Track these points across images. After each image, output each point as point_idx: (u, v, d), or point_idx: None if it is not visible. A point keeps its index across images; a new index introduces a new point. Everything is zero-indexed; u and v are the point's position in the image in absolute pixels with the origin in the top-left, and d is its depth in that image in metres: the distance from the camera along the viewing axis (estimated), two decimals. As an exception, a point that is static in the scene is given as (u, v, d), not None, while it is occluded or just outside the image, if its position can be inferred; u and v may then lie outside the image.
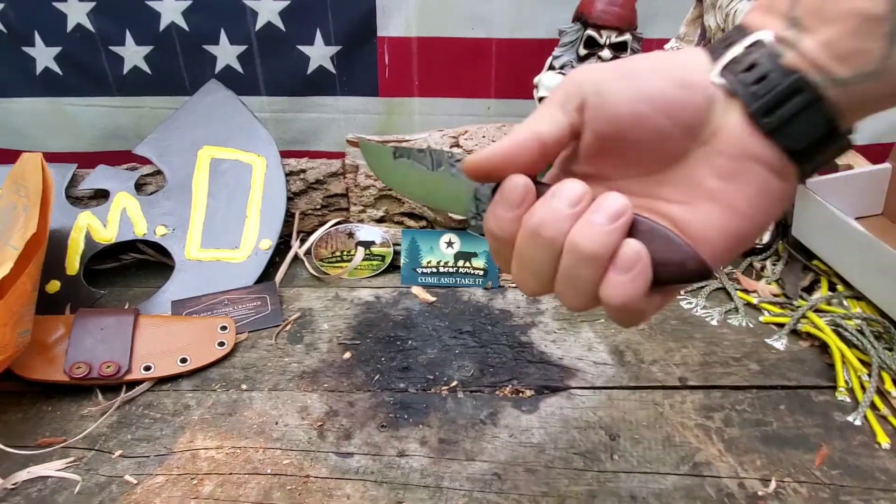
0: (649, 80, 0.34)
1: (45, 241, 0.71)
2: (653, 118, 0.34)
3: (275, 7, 0.93)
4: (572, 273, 0.35)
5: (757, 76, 0.32)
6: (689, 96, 0.34)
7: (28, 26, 0.94)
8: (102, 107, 1.01)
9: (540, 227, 0.35)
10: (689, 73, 0.34)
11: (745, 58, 0.33)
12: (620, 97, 0.34)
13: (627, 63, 0.36)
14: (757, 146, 0.33)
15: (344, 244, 0.88)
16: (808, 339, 0.75)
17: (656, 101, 0.34)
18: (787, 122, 0.32)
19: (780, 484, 0.59)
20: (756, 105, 0.32)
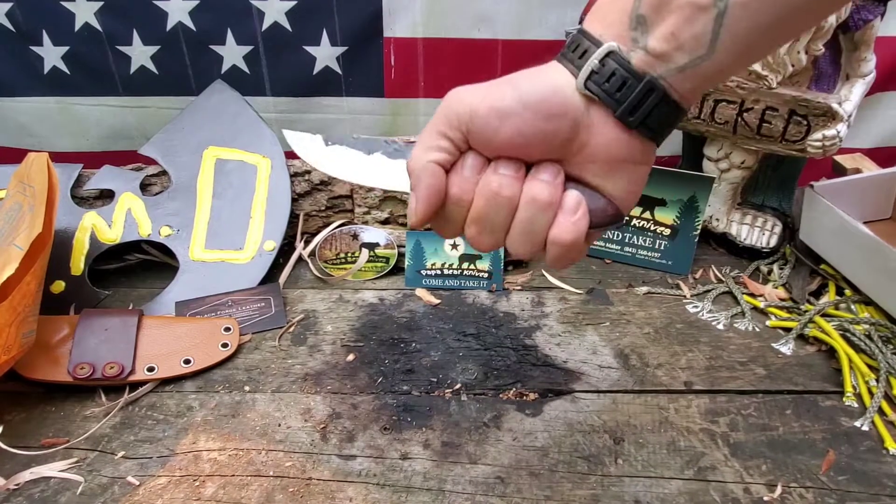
0: (521, 118, 0.39)
1: (50, 241, 0.71)
2: (531, 147, 0.40)
3: (281, 7, 0.93)
4: (531, 221, 0.41)
5: (618, 85, 0.38)
6: (556, 126, 0.39)
7: (36, 25, 0.94)
8: (109, 106, 1.01)
9: (500, 189, 0.41)
10: (552, 103, 0.39)
11: (602, 69, 0.38)
12: (498, 137, 0.40)
13: (495, 95, 0.40)
14: (623, 145, 0.40)
15: (348, 246, 0.88)
16: (815, 343, 0.75)
17: (529, 135, 0.39)
18: (647, 116, 0.39)
19: (786, 489, 0.59)
20: (621, 109, 0.39)
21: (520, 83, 0.40)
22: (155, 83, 0.99)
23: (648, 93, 0.38)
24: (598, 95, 0.39)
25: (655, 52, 0.37)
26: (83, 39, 0.95)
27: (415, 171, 0.42)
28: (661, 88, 0.38)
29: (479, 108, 0.40)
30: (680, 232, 0.85)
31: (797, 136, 0.78)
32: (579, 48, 0.40)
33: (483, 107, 0.39)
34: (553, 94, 0.39)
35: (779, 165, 0.88)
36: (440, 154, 0.41)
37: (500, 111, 0.39)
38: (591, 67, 0.39)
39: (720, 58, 0.37)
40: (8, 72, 0.98)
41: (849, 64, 0.78)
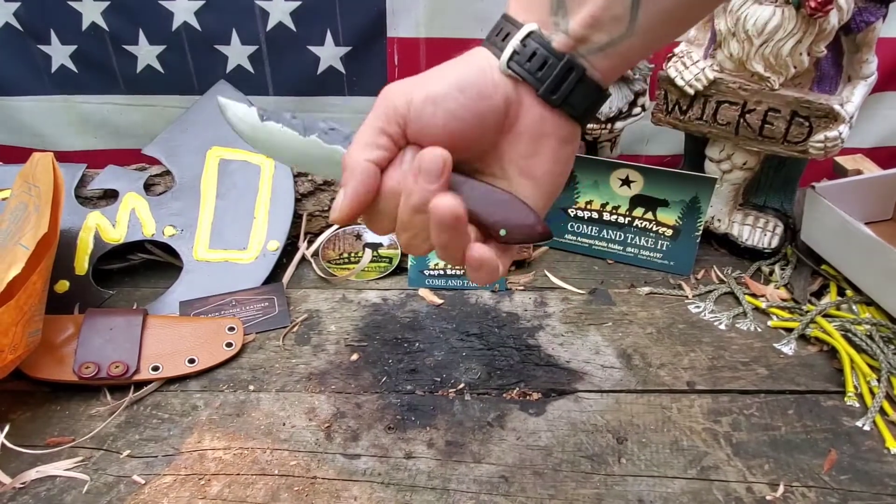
0: (456, 101, 0.40)
1: (55, 240, 0.71)
2: (466, 130, 0.41)
3: (286, 7, 0.93)
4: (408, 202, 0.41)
5: (539, 64, 0.40)
6: (489, 104, 0.41)
7: (44, 24, 0.95)
8: (116, 104, 1.02)
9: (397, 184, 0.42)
10: (482, 83, 0.41)
11: (524, 49, 0.40)
12: (435, 122, 0.41)
13: (429, 84, 0.41)
14: (549, 123, 0.42)
15: (351, 246, 0.88)
16: (816, 343, 0.75)
17: (465, 118, 0.41)
18: (569, 95, 0.41)
19: (788, 489, 0.59)
20: (543, 87, 0.40)
21: (450, 70, 0.42)
22: (161, 82, 1.00)
23: (569, 71, 0.40)
24: (520, 75, 0.41)
25: (576, 34, 0.39)
26: (90, 39, 0.96)
27: (350, 167, 0.42)
28: (581, 67, 0.40)
29: (414, 97, 0.41)
30: (682, 232, 0.86)
31: (799, 137, 0.78)
32: (502, 32, 0.42)
33: (418, 95, 0.41)
34: (482, 75, 0.41)
35: (780, 166, 0.88)
36: (378, 152, 0.42)
37: (435, 96, 0.40)
38: (512, 48, 0.40)
39: (639, 36, 0.39)
40: (15, 71, 0.98)
41: (851, 65, 0.78)
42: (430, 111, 0.41)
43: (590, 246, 0.91)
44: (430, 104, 0.40)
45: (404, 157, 0.42)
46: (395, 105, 0.41)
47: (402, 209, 0.42)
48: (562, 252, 0.92)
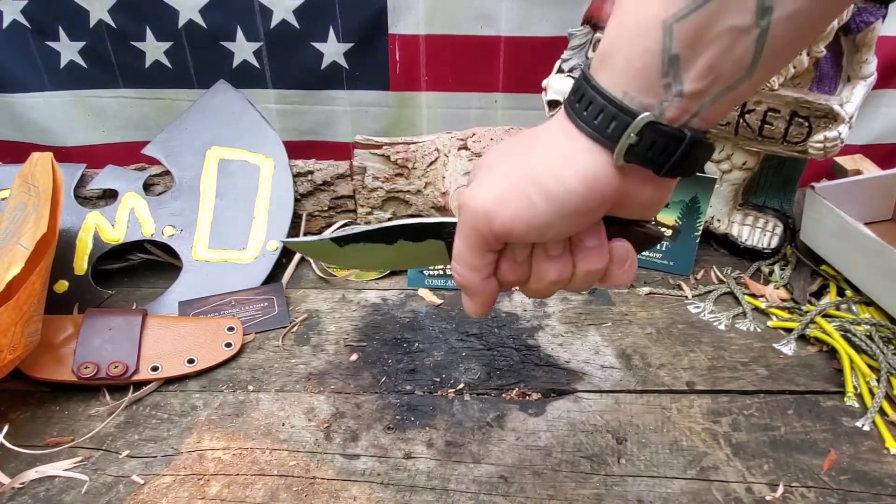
0: (561, 226, 0.38)
1: (55, 240, 0.71)
2: (569, 234, 0.40)
3: (289, 5, 0.94)
4: (587, 282, 0.43)
5: (660, 150, 0.36)
6: (597, 214, 0.39)
7: (52, 22, 0.96)
8: (126, 98, 1.03)
9: (558, 276, 0.42)
10: (592, 200, 0.37)
11: (640, 140, 0.35)
12: (541, 242, 0.40)
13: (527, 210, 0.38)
14: (658, 194, 0.40)
15: (351, 246, 0.88)
16: (816, 344, 0.75)
17: (571, 233, 0.40)
18: (690, 167, 0.37)
19: (787, 489, 0.59)
20: (665, 171, 0.37)
21: (548, 188, 0.37)
22: (169, 77, 1.01)
23: (692, 147, 0.36)
24: (640, 164, 0.37)
25: (692, 91, 0.34)
26: (98, 35, 0.97)
27: (471, 289, 0.43)
28: (703, 138, 0.36)
29: (513, 228, 0.38)
30: (681, 233, 0.86)
31: (799, 137, 0.78)
32: (603, 114, 0.36)
33: (517, 226, 0.38)
34: (589, 190, 0.37)
35: (780, 167, 0.88)
36: (487, 269, 0.42)
37: (538, 228, 0.38)
38: (628, 142, 0.36)
39: (757, 77, 0.34)
40: (22, 69, 0.99)
41: (850, 66, 0.78)
42: (534, 238, 0.40)
43: None
44: (533, 234, 0.39)
45: (515, 254, 0.42)
46: (494, 232, 0.39)
47: (540, 287, 0.43)
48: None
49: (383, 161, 0.89)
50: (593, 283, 0.43)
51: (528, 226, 0.38)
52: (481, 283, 0.42)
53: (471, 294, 0.43)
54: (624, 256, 0.42)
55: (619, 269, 0.42)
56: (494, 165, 0.40)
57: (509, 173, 0.39)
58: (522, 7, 0.94)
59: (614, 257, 0.42)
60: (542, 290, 0.43)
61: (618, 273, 0.42)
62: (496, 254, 0.42)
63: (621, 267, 0.42)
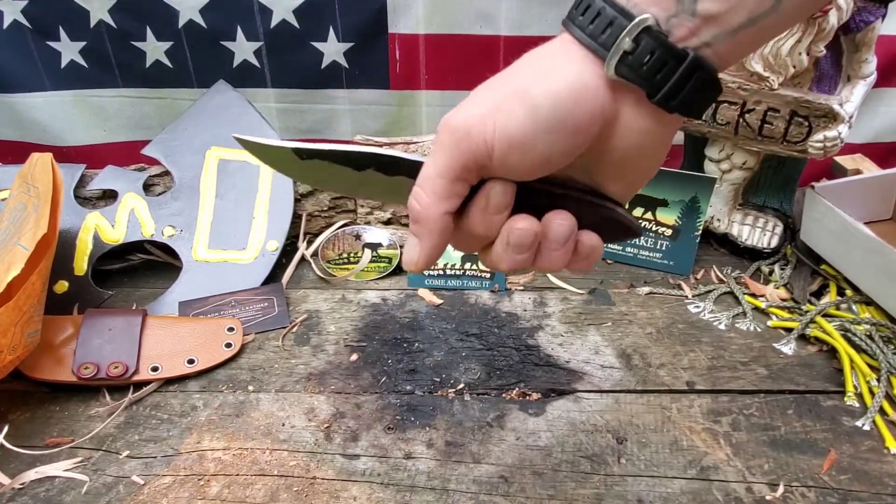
0: (546, 145, 0.34)
1: (55, 241, 0.71)
2: (555, 162, 0.36)
3: (288, 5, 0.94)
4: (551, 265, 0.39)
5: (657, 66, 0.32)
6: (584, 139, 0.35)
7: (52, 22, 0.96)
8: (128, 97, 1.04)
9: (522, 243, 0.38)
10: (577, 114, 0.33)
11: (637, 49, 0.32)
12: (521, 167, 0.35)
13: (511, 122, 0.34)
14: (657, 132, 0.35)
15: (351, 246, 0.88)
16: (816, 343, 0.75)
17: (556, 157, 0.35)
18: (688, 99, 0.34)
19: (788, 489, 0.59)
20: (660, 95, 0.33)
21: (533, 96, 0.34)
22: (170, 76, 1.01)
23: (693, 72, 0.33)
24: (633, 81, 0.33)
25: (708, 13, 0.31)
26: (99, 35, 0.97)
27: (425, 221, 0.37)
28: (708, 66, 0.33)
29: (495, 146, 0.34)
30: (681, 232, 0.86)
31: (798, 137, 0.78)
32: (601, 17, 0.33)
33: (500, 143, 0.34)
34: (576, 102, 0.33)
35: (780, 166, 0.88)
36: (454, 203, 0.37)
37: (521, 144, 0.34)
38: (622, 48, 0.32)
39: (782, 15, 0.31)
40: (23, 69, 0.99)
41: (850, 65, 0.78)
42: (517, 159, 0.35)
43: None
44: (516, 152, 0.34)
45: (490, 202, 0.37)
46: (472, 151, 0.35)
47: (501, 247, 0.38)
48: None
49: (383, 161, 0.89)
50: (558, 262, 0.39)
51: (510, 142, 0.34)
52: (439, 218, 0.37)
53: (423, 232, 0.37)
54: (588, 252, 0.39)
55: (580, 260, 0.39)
56: (483, 86, 0.36)
57: (495, 90, 0.35)
58: (522, 6, 0.95)
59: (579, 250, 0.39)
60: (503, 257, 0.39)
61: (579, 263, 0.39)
62: (467, 186, 0.37)
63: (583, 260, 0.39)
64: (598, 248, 0.39)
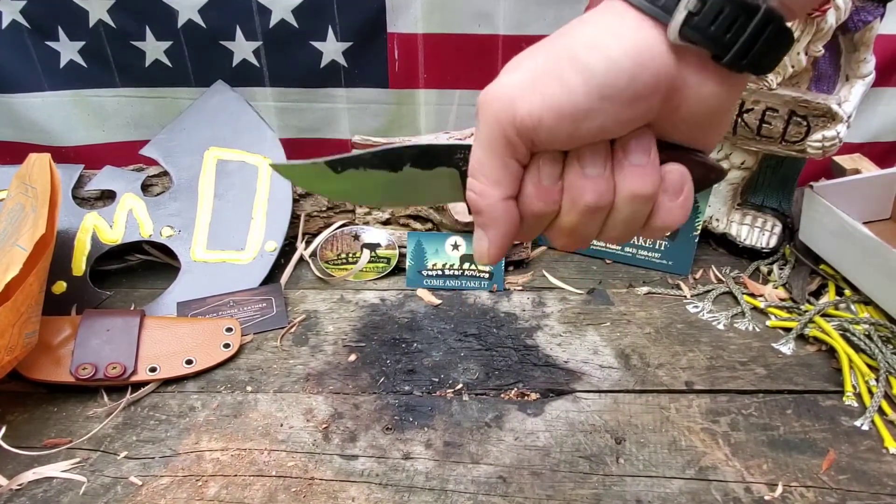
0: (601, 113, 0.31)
1: (52, 241, 0.71)
2: (612, 134, 0.33)
3: (287, 5, 0.94)
4: (633, 217, 0.35)
5: (726, 25, 0.30)
6: (644, 108, 0.32)
7: (51, 22, 0.96)
8: (127, 97, 1.03)
9: (596, 200, 0.34)
10: (638, 79, 0.31)
11: (704, 7, 0.30)
12: (574, 139, 0.32)
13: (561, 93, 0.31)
14: (723, 93, 0.32)
15: (349, 246, 0.88)
16: (815, 343, 0.75)
17: (613, 128, 0.32)
18: (761, 56, 0.31)
19: (786, 489, 0.59)
20: (731, 55, 0.31)
21: (587, 62, 0.30)
22: (169, 76, 1.01)
23: (765, 26, 0.30)
24: (700, 44, 0.30)
25: None
26: (98, 35, 0.97)
27: (487, 212, 0.35)
28: (780, 17, 0.30)
29: (543, 117, 0.31)
30: (680, 232, 0.86)
31: (797, 136, 0.78)
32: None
33: (549, 114, 0.31)
34: (638, 68, 0.30)
35: (778, 166, 0.88)
36: (511, 185, 0.34)
37: (573, 117, 0.31)
38: (688, 9, 0.30)
39: None
40: (22, 69, 0.99)
41: (848, 65, 0.78)
42: (568, 132, 0.31)
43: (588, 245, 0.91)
44: (566, 124, 0.31)
45: (542, 172, 0.34)
46: (518, 128, 0.32)
47: (573, 220, 0.35)
48: (560, 252, 0.92)
49: (382, 161, 0.89)
50: (640, 216, 0.35)
51: (560, 113, 0.31)
52: (502, 206, 0.34)
53: (487, 222, 0.35)
54: (679, 183, 0.34)
55: (671, 199, 0.34)
56: (524, 54, 0.33)
57: (540, 56, 0.32)
58: (520, 5, 0.95)
59: (667, 183, 0.34)
60: (576, 226, 0.35)
61: (669, 206, 0.34)
62: (521, 166, 0.34)
63: (675, 197, 0.34)
64: (687, 178, 0.35)
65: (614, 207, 0.35)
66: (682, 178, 0.34)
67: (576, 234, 0.36)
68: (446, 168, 0.38)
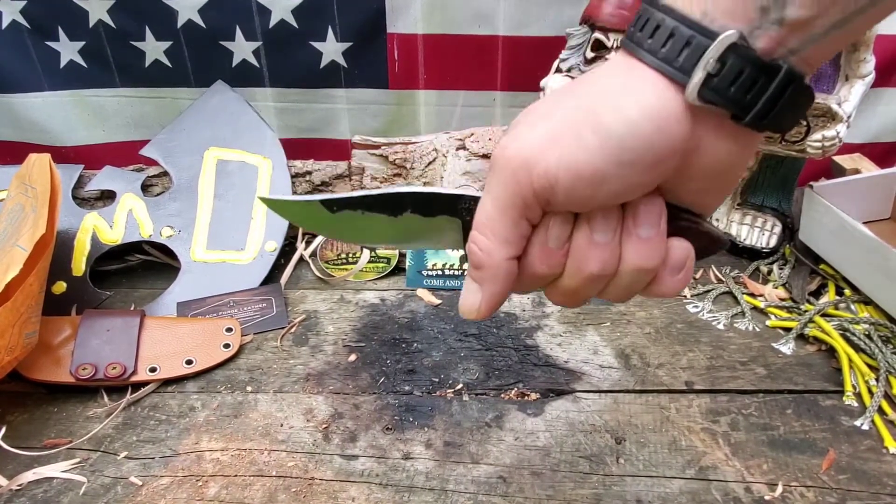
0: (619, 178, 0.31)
1: (52, 242, 0.71)
2: (628, 196, 0.33)
3: (287, 5, 0.94)
4: (633, 285, 0.35)
5: (747, 85, 0.29)
6: (661, 173, 0.31)
7: (51, 22, 0.96)
8: (127, 97, 1.03)
9: (601, 269, 0.34)
10: (659, 145, 0.30)
11: (723, 70, 0.29)
12: (591, 203, 0.32)
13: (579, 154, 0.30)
14: (735, 153, 0.32)
15: (349, 246, 0.88)
16: (815, 343, 0.75)
17: (629, 192, 0.32)
18: (782, 115, 0.30)
19: (786, 488, 0.59)
20: (751, 116, 0.30)
21: (605, 123, 0.30)
22: (170, 75, 1.01)
23: (787, 86, 0.29)
24: (720, 105, 0.30)
25: (796, 21, 0.28)
26: (98, 35, 0.97)
27: (489, 267, 0.34)
28: (799, 75, 0.29)
29: (558, 177, 0.31)
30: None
31: (797, 136, 0.78)
32: (675, 38, 0.29)
33: (564, 174, 0.31)
34: (656, 129, 0.30)
35: (778, 166, 0.88)
36: (519, 245, 0.34)
37: (590, 179, 0.30)
38: (706, 70, 0.29)
39: (884, 6, 0.28)
40: (22, 69, 0.99)
41: (848, 65, 0.78)
42: (586, 196, 0.31)
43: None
44: (583, 187, 0.31)
45: (550, 234, 0.34)
46: (534, 188, 0.31)
47: (574, 284, 0.35)
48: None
49: (381, 161, 0.89)
50: (640, 285, 0.35)
51: (577, 174, 0.30)
52: (504, 265, 0.34)
53: (485, 278, 0.34)
54: (682, 260, 0.34)
55: (672, 275, 0.34)
56: (538, 110, 0.33)
57: (556, 113, 0.32)
58: (520, 6, 0.95)
59: (670, 259, 0.34)
60: (576, 289, 0.35)
61: (669, 280, 0.34)
62: (531, 227, 0.34)
63: (676, 273, 0.34)
64: (691, 256, 0.35)
65: (616, 275, 0.34)
66: (686, 255, 0.34)
67: (575, 297, 0.36)
68: (448, 217, 0.37)
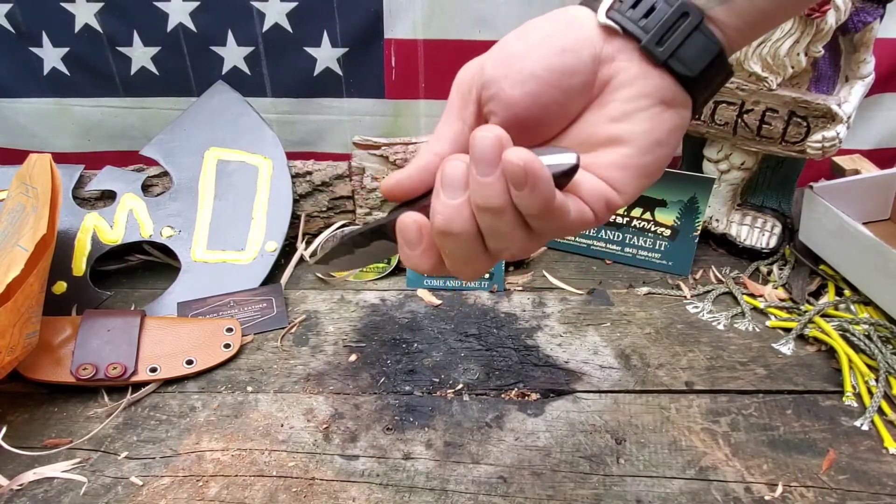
0: (531, 61, 0.34)
1: (53, 242, 0.71)
2: (546, 94, 0.35)
3: (282, 9, 0.93)
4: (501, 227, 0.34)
5: (645, 10, 0.34)
6: (574, 60, 0.34)
7: (36, 26, 0.94)
8: (110, 107, 1.02)
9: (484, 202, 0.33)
10: (566, 37, 0.35)
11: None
12: (511, 88, 0.35)
13: (506, 48, 0.36)
14: (649, 83, 0.35)
15: (349, 246, 0.88)
16: (815, 343, 0.75)
17: (544, 79, 0.34)
18: (678, 47, 0.34)
19: (786, 489, 0.59)
20: (648, 38, 0.34)
21: (531, 28, 0.36)
22: (156, 84, 0.99)
23: (682, 17, 0.34)
24: (620, 23, 0.34)
25: None
26: (83, 40, 0.95)
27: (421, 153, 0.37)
28: (698, 11, 0.34)
29: (489, 66, 0.35)
30: (680, 233, 0.86)
31: (797, 137, 0.79)
32: None
33: (493, 61, 0.36)
34: (567, 28, 0.35)
35: (778, 166, 0.88)
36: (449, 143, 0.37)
37: (507, 57, 0.35)
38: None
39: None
40: (7, 73, 0.98)
41: (848, 66, 0.78)
42: (505, 78, 0.35)
43: (588, 246, 0.91)
44: (504, 68, 0.35)
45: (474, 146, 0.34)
46: (469, 82, 0.36)
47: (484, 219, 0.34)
48: (560, 252, 0.92)
49: (382, 161, 0.89)
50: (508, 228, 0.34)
51: (500, 55, 0.35)
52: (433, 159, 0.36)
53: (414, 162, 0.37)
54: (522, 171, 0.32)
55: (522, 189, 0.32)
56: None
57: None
58: (521, 10, 0.94)
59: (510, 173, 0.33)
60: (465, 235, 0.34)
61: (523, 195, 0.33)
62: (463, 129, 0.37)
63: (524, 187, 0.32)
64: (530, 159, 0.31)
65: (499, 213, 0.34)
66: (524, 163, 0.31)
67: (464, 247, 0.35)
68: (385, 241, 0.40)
